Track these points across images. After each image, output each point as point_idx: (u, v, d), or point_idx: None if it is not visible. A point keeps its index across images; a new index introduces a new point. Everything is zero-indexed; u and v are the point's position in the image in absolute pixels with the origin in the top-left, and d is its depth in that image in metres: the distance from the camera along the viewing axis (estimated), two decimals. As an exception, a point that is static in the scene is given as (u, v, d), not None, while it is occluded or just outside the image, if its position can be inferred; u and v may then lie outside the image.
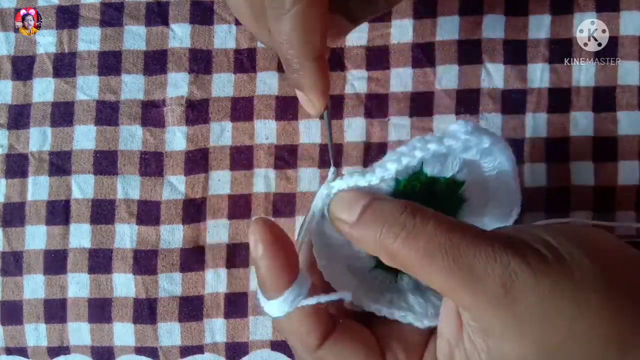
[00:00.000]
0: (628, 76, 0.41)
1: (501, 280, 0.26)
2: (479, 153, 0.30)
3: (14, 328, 0.41)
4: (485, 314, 0.26)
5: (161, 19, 0.41)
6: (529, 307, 0.26)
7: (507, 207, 0.33)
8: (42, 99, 0.41)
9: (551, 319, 0.26)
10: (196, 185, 0.41)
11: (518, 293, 0.26)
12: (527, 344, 0.27)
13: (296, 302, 0.27)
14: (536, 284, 0.26)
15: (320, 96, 0.31)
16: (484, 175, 0.32)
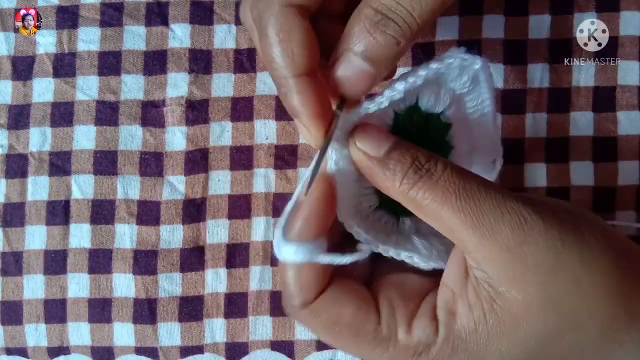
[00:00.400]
0: (628, 76, 0.41)
1: (510, 224, 0.26)
2: (469, 81, 0.31)
3: (14, 328, 0.41)
4: (492, 258, 0.27)
5: (161, 19, 0.41)
6: (537, 255, 0.26)
7: (490, 157, 0.34)
8: (42, 99, 0.41)
9: (558, 270, 0.26)
10: (196, 185, 0.41)
11: (527, 238, 0.26)
12: (532, 292, 0.26)
13: (313, 256, 0.28)
14: (545, 232, 0.26)
15: (312, 120, 0.28)
16: (467, 117, 0.33)
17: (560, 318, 0.27)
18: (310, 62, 0.28)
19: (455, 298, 0.28)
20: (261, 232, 0.41)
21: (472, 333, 0.27)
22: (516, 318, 0.27)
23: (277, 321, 0.40)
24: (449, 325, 0.28)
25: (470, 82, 0.32)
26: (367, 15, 0.27)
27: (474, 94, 0.33)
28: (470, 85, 0.32)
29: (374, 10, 0.27)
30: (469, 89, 0.32)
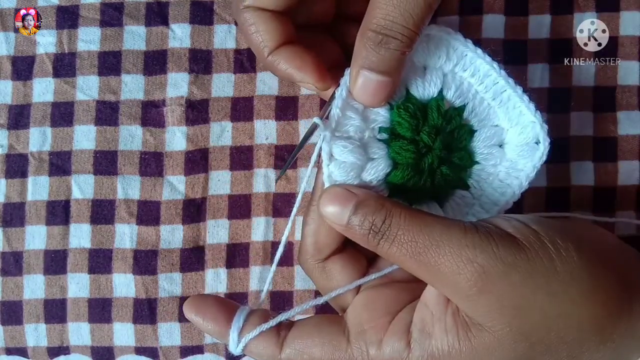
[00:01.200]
0: (628, 76, 0.41)
1: (467, 276, 0.28)
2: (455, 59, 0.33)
3: (14, 328, 0.41)
4: (463, 305, 0.28)
5: (161, 19, 0.41)
6: (501, 298, 0.28)
7: (531, 137, 0.33)
8: (42, 99, 0.41)
9: (523, 308, 0.28)
10: (196, 185, 0.41)
11: (487, 284, 0.28)
12: (503, 328, 0.28)
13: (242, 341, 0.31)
14: (506, 277, 0.28)
15: (305, 75, 0.32)
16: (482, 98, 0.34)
17: (530, 348, 0.28)
18: (280, 38, 0.32)
19: (434, 320, 0.30)
20: (261, 232, 0.41)
21: (444, 356, 0.29)
22: (489, 348, 0.28)
23: (277, 321, 0.40)
24: (423, 344, 0.29)
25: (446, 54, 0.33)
26: (369, 37, 0.30)
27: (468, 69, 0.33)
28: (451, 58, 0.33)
29: (374, 32, 0.29)
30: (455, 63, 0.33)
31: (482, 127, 0.34)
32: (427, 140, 0.32)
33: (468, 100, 0.33)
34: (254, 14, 0.32)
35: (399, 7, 0.29)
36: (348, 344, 0.30)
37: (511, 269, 0.28)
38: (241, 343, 0.31)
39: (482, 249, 0.28)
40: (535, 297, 0.28)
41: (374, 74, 0.30)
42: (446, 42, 0.33)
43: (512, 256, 0.28)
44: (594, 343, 0.28)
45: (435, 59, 0.33)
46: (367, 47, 0.30)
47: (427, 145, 0.33)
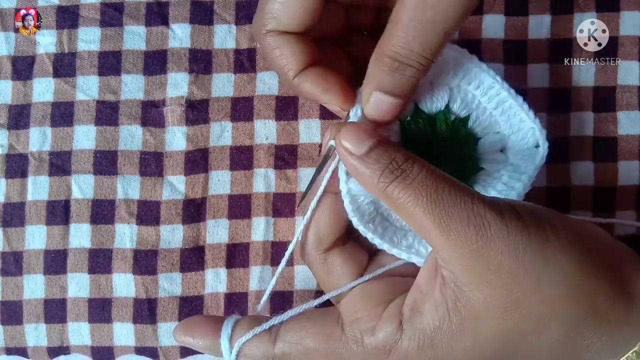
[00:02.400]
0: (628, 76, 0.41)
1: (475, 228, 0.28)
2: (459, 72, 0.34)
3: (13, 328, 0.41)
4: (457, 259, 0.28)
5: (161, 19, 0.42)
6: (498, 258, 0.28)
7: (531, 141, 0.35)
8: (42, 99, 0.41)
9: (518, 272, 0.28)
10: (196, 185, 0.41)
11: (489, 241, 0.28)
12: (493, 293, 0.28)
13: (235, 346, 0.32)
14: (508, 236, 0.28)
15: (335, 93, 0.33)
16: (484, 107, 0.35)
17: (522, 319, 0.28)
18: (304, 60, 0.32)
19: (424, 297, 0.30)
20: (261, 232, 0.41)
21: (436, 330, 0.29)
22: (478, 317, 0.28)
23: (277, 321, 0.40)
24: (413, 322, 0.29)
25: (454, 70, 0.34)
26: (385, 62, 0.30)
27: (473, 82, 0.34)
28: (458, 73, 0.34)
29: (391, 59, 0.30)
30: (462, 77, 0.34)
31: (486, 135, 0.35)
32: (437, 152, 0.34)
33: (472, 110, 0.35)
34: (277, 38, 0.32)
35: (418, 38, 0.29)
36: (342, 333, 0.31)
37: (514, 235, 0.27)
38: (234, 348, 0.32)
39: (492, 209, 0.28)
40: (531, 263, 0.28)
41: (387, 96, 0.31)
42: (453, 59, 0.34)
43: (515, 224, 0.28)
44: (590, 324, 0.28)
45: (444, 75, 0.34)
46: (382, 71, 0.30)
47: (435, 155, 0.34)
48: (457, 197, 0.28)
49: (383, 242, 0.33)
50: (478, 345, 0.29)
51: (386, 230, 0.34)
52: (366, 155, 0.29)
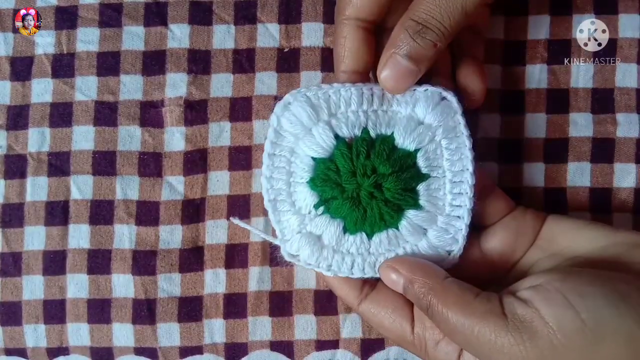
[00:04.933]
0: (626, 79, 0.41)
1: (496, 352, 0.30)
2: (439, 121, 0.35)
3: (13, 329, 0.41)
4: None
5: (160, 20, 0.41)
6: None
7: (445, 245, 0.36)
8: (40, 99, 0.41)
9: None
10: (195, 185, 0.41)
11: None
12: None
13: None
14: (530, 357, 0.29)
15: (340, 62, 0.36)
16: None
17: None
18: (357, 64, 0.36)
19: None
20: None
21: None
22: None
23: (277, 321, 0.41)
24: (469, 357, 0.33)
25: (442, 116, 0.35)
26: (409, 25, 0.33)
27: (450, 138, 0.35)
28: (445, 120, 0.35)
29: (415, 22, 0.33)
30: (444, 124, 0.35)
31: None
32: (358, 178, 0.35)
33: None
34: (350, 29, 0.35)
35: (440, 7, 0.33)
36: (412, 332, 0.34)
37: (530, 353, 0.29)
38: None
39: (511, 355, 0.29)
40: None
41: (405, 59, 0.33)
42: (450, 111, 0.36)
43: (544, 355, 0.29)
44: None
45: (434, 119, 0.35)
46: (406, 33, 0.33)
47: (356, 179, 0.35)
48: (473, 332, 0.30)
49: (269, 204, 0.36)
50: None
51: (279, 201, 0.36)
52: (406, 294, 0.33)
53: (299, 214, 0.36)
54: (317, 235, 0.35)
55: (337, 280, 0.36)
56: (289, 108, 0.36)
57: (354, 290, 0.36)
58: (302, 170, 0.35)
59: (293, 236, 0.36)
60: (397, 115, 0.36)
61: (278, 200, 0.36)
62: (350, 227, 0.35)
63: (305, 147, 0.35)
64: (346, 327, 0.40)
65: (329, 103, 0.35)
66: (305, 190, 0.35)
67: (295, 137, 0.35)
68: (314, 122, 0.35)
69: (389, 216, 0.35)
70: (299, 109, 0.35)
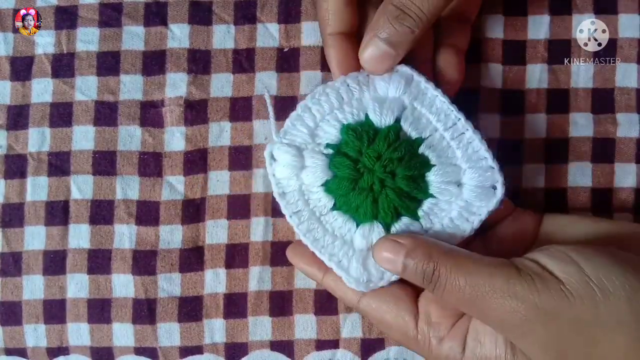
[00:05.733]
0: (626, 79, 0.41)
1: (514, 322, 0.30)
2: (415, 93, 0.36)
3: (13, 329, 0.41)
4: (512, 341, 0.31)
5: (160, 20, 0.41)
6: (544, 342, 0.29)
7: (486, 181, 0.35)
8: (40, 99, 0.41)
9: (566, 354, 0.29)
10: (195, 185, 0.41)
11: (532, 332, 0.29)
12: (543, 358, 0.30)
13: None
14: (548, 323, 0.29)
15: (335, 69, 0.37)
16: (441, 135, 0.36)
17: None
18: (342, 25, 0.36)
19: (486, 332, 0.32)
20: (260, 233, 0.41)
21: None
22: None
23: (277, 321, 0.41)
24: (474, 350, 0.33)
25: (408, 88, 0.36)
26: (389, 10, 0.34)
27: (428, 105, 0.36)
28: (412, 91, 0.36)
29: (394, 7, 0.34)
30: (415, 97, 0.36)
31: (441, 163, 0.35)
32: (366, 162, 0.35)
33: (427, 135, 0.36)
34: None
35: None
36: (415, 327, 0.34)
37: (553, 317, 0.29)
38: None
39: (525, 299, 0.29)
40: (578, 345, 0.29)
41: (383, 44, 0.35)
42: (409, 78, 0.36)
43: (555, 304, 0.29)
44: None
45: (397, 89, 0.36)
46: (385, 18, 0.34)
47: (366, 166, 0.35)
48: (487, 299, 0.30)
49: (306, 238, 0.36)
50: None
51: (312, 230, 0.36)
52: (404, 273, 0.33)
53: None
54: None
55: (334, 280, 0.36)
56: (274, 159, 0.37)
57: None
58: (320, 200, 0.36)
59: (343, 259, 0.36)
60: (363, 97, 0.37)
61: (316, 239, 0.36)
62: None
63: (307, 179, 0.36)
64: (346, 327, 0.41)
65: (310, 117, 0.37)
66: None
67: (295, 177, 0.37)
68: (300, 157, 0.36)
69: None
70: (282, 156, 0.36)
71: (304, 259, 0.37)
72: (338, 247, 0.36)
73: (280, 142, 0.36)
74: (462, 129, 0.36)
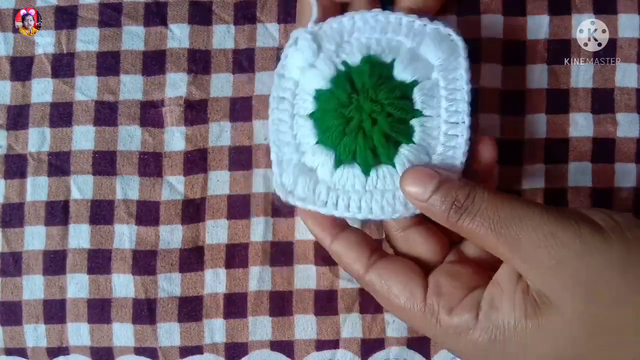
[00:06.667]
0: (626, 79, 0.41)
1: (547, 249, 0.29)
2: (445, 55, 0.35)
3: (13, 329, 0.41)
4: (534, 275, 0.30)
5: (160, 19, 0.41)
6: (577, 275, 0.29)
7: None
8: (40, 99, 0.41)
9: (597, 291, 0.28)
10: (195, 185, 0.41)
11: (567, 261, 0.28)
12: (572, 308, 0.29)
13: None
14: (584, 254, 0.28)
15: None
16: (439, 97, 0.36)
17: (599, 334, 0.29)
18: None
19: (503, 296, 0.31)
20: (260, 233, 0.41)
21: (510, 329, 0.30)
22: (555, 329, 0.29)
23: (277, 321, 0.41)
24: (489, 315, 0.30)
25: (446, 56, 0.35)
26: None
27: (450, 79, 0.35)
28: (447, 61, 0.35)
29: None
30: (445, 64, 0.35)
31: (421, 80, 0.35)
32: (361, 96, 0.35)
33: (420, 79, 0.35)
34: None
35: None
36: (423, 299, 0.32)
37: (590, 248, 0.28)
38: None
39: (564, 225, 0.29)
40: (610, 282, 0.28)
41: None
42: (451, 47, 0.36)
43: (592, 236, 0.28)
44: None
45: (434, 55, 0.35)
46: None
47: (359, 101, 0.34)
48: (523, 222, 0.29)
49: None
50: (553, 355, 0.30)
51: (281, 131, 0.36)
52: (431, 199, 0.31)
53: (298, 148, 0.36)
54: (311, 167, 0.35)
55: (344, 246, 0.34)
56: (296, 44, 0.36)
57: (363, 257, 0.34)
58: (305, 102, 0.36)
59: (289, 167, 0.35)
60: (401, 45, 0.36)
61: (281, 132, 0.36)
62: (344, 158, 0.35)
63: (308, 79, 0.35)
64: (346, 327, 0.41)
65: (334, 33, 0.36)
66: (306, 124, 0.35)
67: (300, 70, 0.36)
68: (317, 56, 0.35)
69: (384, 148, 0.34)
70: (304, 45, 0.35)
71: (316, 219, 0.35)
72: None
73: (309, 31, 0.36)
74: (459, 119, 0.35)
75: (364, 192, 0.35)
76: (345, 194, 0.35)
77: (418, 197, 0.32)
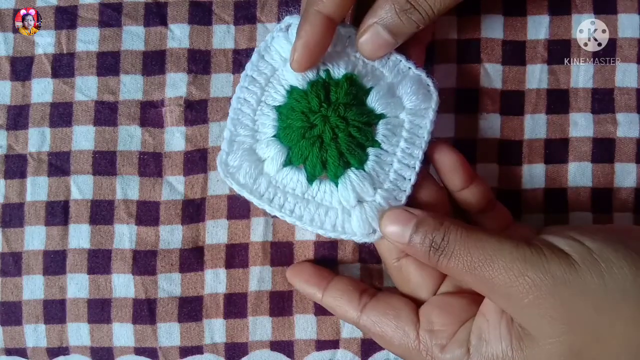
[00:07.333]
0: (626, 78, 0.41)
1: (519, 288, 0.29)
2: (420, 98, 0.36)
3: (13, 329, 0.41)
4: (516, 316, 0.31)
5: (160, 20, 0.41)
6: (551, 312, 0.29)
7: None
8: (40, 99, 0.41)
9: (573, 324, 0.29)
10: (195, 185, 0.41)
11: (539, 300, 0.29)
12: (552, 344, 0.29)
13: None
14: (556, 291, 0.29)
15: (300, 47, 0.34)
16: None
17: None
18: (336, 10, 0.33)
19: (490, 328, 0.32)
20: (260, 233, 0.41)
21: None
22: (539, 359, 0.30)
23: (277, 321, 0.41)
24: (479, 349, 0.32)
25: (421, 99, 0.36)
26: (398, 2, 0.33)
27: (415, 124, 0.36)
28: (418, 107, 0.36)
29: (406, 0, 0.33)
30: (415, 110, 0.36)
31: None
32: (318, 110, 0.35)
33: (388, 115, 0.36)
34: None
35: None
36: (416, 337, 0.34)
37: (561, 284, 0.29)
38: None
39: (533, 263, 0.29)
40: (584, 314, 0.29)
41: (385, 32, 0.34)
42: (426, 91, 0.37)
43: (562, 272, 0.29)
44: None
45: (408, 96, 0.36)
46: (392, 8, 0.33)
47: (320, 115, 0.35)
48: (494, 262, 0.30)
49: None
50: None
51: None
52: (410, 243, 0.32)
53: (254, 134, 0.36)
54: (260, 157, 0.36)
55: (334, 297, 0.36)
56: (286, 31, 0.36)
57: (353, 302, 0.36)
58: (276, 93, 0.36)
59: (239, 150, 0.36)
60: (383, 77, 0.36)
61: (242, 112, 0.37)
62: (295, 160, 0.35)
63: (287, 73, 0.36)
64: (346, 327, 0.40)
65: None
66: (269, 114, 0.36)
67: (283, 61, 0.36)
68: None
69: (334, 164, 0.34)
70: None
71: (303, 278, 0.38)
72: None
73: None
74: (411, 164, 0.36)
75: (302, 198, 0.36)
76: (283, 194, 0.36)
77: (399, 240, 0.33)
